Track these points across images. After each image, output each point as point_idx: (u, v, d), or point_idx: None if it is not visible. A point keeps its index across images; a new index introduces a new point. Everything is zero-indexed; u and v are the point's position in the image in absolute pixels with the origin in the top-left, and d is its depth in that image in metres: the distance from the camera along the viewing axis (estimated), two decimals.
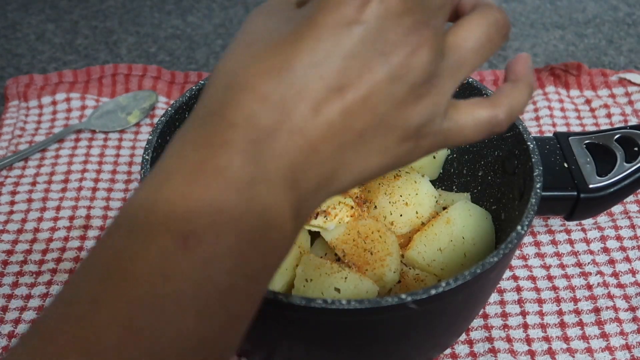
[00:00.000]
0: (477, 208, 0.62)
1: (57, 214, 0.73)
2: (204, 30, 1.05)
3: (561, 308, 0.63)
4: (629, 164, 0.60)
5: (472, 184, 0.67)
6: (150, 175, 0.32)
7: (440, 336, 0.56)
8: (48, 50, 1.01)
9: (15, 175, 0.78)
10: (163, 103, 0.88)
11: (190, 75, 0.92)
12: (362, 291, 0.54)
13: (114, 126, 0.84)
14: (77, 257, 0.69)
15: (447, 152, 0.69)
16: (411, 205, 0.62)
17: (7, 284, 0.66)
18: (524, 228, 0.50)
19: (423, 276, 0.59)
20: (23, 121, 0.85)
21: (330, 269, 0.55)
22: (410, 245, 0.60)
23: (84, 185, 0.76)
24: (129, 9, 1.10)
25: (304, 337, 0.51)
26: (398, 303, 0.44)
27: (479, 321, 0.63)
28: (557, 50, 1.01)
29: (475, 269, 0.46)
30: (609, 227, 0.70)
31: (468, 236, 0.60)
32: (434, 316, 0.50)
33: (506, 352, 0.60)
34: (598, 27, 1.05)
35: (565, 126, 0.83)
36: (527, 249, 0.69)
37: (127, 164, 0.80)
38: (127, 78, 0.90)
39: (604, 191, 0.59)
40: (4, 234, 0.71)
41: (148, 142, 0.56)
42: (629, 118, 0.84)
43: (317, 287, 0.54)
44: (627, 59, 0.98)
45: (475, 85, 0.64)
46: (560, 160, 0.61)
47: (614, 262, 0.67)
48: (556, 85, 0.89)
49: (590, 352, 0.60)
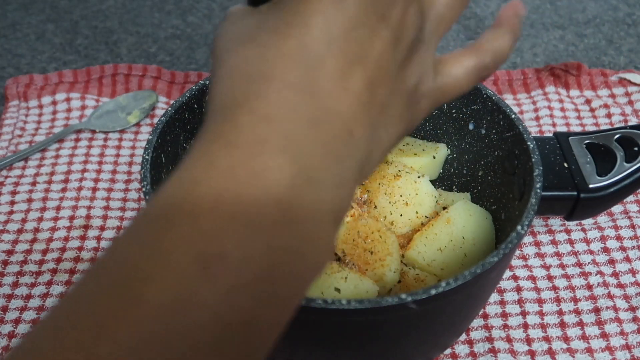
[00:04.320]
0: (477, 208, 0.62)
1: (57, 214, 0.73)
2: (204, 30, 1.05)
3: (561, 308, 0.63)
4: (629, 164, 0.60)
5: (472, 184, 0.67)
6: (175, 177, 0.28)
7: (440, 336, 0.56)
8: (48, 50, 1.01)
9: (15, 175, 0.78)
10: (163, 103, 0.88)
11: (190, 75, 0.92)
12: (362, 291, 0.54)
13: (114, 126, 0.84)
14: (77, 257, 0.69)
15: (447, 152, 0.69)
16: (411, 205, 0.62)
17: (7, 284, 0.66)
18: (524, 228, 0.50)
19: (423, 276, 0.59)
20: (23, 121, 0.85)
21: (330, 269, 0.55)
22: (410, 245, 0.60)
23: (84, 185, 0.76)
24: (129, 9, 1.10)
25: (304, 337, 0.51)
26: (398, 303, 0.44)
27: (479, 321, 0.63)
28: (557, 50, 1.01)
29: (476, 269, 0.46)
30: (609, 227, 0.70)
31: (468, 236, 0.60)
32: (434, 316, 0.50)
33: (506, 352, 0.60)
34: (598, 27, 1.05)
35: (565, 126, 0.83)
36: (527, 249, 0.69)
37: (127, 164, 0.80)
38: (127, 78, 0.90)
39: (604, 191, 0.59)
40: (4, 234, 0.71)
41: (148, 142, 0.56)
42: (629, 118, 0.84)
43: (317, 287, 0.54)
44: (627, 59, 0.98)
45: (475, 85, 0.63)
46: (560, 160, 0.61)
47: (614, 262, 0.67)
48: (556, 85, 0.89)
49: (590, 352, 0.60)
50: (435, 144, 0.69)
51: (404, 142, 0.69)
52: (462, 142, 0.68)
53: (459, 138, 0.68)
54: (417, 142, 0.70)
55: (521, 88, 0.89)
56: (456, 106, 0.66)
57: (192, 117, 0.63)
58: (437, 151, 0.68)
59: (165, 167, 0.59)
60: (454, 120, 0.67)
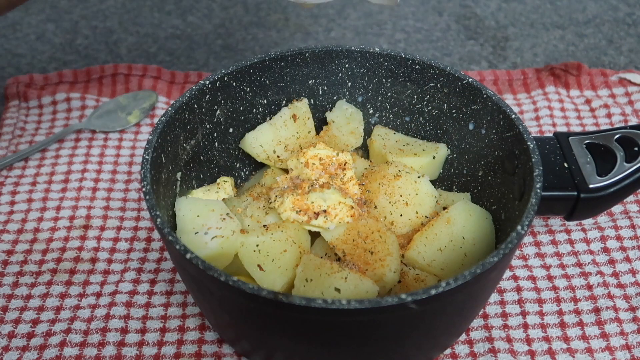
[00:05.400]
0: (477, 208, 0.62)
1: (57, 214, 0.73)
2: (204, 30, 1.05)
3: (561, 308, 0.63)
4: (629, 164, 0.60)
5: (472, 184, 0.67)
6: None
7: (440, 336, 0.56)
8: (48, 50, 1.01)
9: (15, 175, 0.78)
10: (163, 103, 0.88)
11: (190, 75, 0.92)
12: (362, 291, 0.54)
13: (114, 126, 0.84)
14: (77, 257, 0.69)
15: (447, 152, 0.69)
16: (411, 205, 0.62)
17: (7, 284, 0.66)
18: (524, 228, 0.50)
19: (423, 276, 0.59)
20: (23, 121, 0.85)
21: (330, 269, 0.55)
22: (410, 245, 0.60)
23: (84, 185, 0.76)
24: (129, 9, 1.10)
25: (304, 337, 0.51)
26: (398, 303, 0.44)
27: (479, 321, 0.63)
28: (557, 50, 1.01)
29: (476, 269, 0.46)
30: (609, 227, 0.70)
31: (468, 236, 0.60)
32: (434, 316, 0.50)
33: (506, 352, 0.60)
34: (598, 27, 1.05)
35: (565, 126, 0.83)
36: (527, 249, 0.69)
37: (127, 164, 0.80)
38: (127, 78, 0.91)
39: (604, 191, 0.59)
40: (4, 234, 0.71)
41: (148, 142, 0.56)
42: (629, 118, 0.84)
43: (317, 287, 0.54)
44: (627, 59, 0.98)
45: (475, 85, 0.64)
46: (560, 160, 0.61)
47: (614, 262, 0.67)
48: (556, 85, 0.89)
49: (590, 352, 0.60)
50: (435, 144, 0.69)
51: (404, 142, 0.69)
52: (462, 142, 0.68)
53: (459, 138, 0.68)
54: (417, 142, 0.70)
55: (521, 88, 0.89)
56: (456, 106, 0.66)
57: (192, 117, 0.63)
58: (437, 151, 0.68)
59: (165, 167, 0.59)
60: (454, 120, 0.67)
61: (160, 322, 0.63)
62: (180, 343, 0.61)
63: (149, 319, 0.63)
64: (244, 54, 1.01)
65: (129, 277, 0.67)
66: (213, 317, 0.58)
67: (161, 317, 0.63)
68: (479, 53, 1.00)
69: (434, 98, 0.68)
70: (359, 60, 0.69)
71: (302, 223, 0.59)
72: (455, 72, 0.65)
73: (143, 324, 0.63)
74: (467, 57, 1.00)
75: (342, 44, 0.69)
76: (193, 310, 0.64)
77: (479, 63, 0.98)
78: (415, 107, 0.70)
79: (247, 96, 0.68)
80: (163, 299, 0.65)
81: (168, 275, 0.67)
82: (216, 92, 0.65)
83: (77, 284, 0.66)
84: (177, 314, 0.64)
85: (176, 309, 0.64)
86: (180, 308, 0.64)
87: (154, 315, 0.64)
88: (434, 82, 0.67)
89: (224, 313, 0.54)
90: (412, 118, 0.71)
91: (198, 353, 0.60)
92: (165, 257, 0.69)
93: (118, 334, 0.62)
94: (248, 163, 0.72)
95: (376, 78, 0.70)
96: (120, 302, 0.64)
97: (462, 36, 1.04)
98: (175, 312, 0.64)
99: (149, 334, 0.62)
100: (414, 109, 0.70)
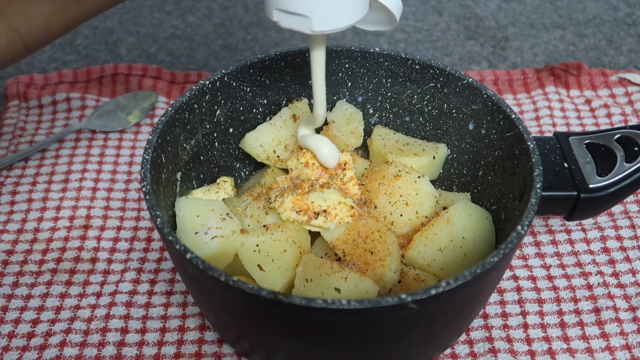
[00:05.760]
0: (477, 208, 0.62)
1: (57, 214, 0.73)
2: (204, 30, 1.05)
3: (561, 308, 0.63)
4: (629, 164, 0.60)
5: (472, 184, 0.67)
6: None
7: (440, 336, 0.56)
8: (48, 50, 1.01)
9: (15, 175, 0.78)
10: (163, 103, 0.88)
11: (190, 75, 0.92)
12: (362, 291, 0.54)
13: (114, 126, 0.84)
14: (77, 257, 0.69)
15: (447, 152, 0.69)
16: (411, 205, 0.62)
17: (7, 284, 0.66)
18: (524, 228, 0.50)
19: (423, 276, 0.59)
20: (23, 121, 0.85)
21: (330, 269, 0.55)
22: (410, 245, 0.60)
23: (84, 185, 0.76)
24: (129, 9, 1.10)
25: (304, 337, 0.51)
26: (398, 303, 0.44)
27: (479, 321, 0.63)
28: (557, 50, 1.01)
29: (476, 269, 0.46)
30: (609, 227, 0.70)
31: (468, 236, 0.60)
32: (434, 316, 0.50)
33: (506, 352, 0.60)
34: (598, 27, 1.05)
35: (565, 126, 0.83)
36: (527, 249, 0.69)
37: (127, 163, 0.80)
38: (127, 78, 0.91)
39: (604, 191, 0.59)
40: (4, 234, 0.71)
41: (148, 142, 0.56)
42: (629, 118, 0.84)
43: (317, 287, 0.54)
44: (627, 59, 0.98)
45: (475, 85, 0.64)
46: (560, 160, 0.61)
47: (614, 262, 0.67)
48: (556, 85, 0.89)
49: (591, 352, 0.60)
50: (435, 144, 0.69)
51: (404, 142, 0.69)
52: (462, 142, 0.68)
53: (459, 138, 0.68)
54: (417, 142, 0.70)
55: (521, 88, 0.89)
56: (456, 106, 0.66)
57: (192, 117, 0.63)
58: (437, 151, 0.68)
59: (165, 167, 0.59)
60: (454, 120, 0.67)
61: (160, 322, 0.63)
62: (181, 343, 0.61)
63: (149, 319, 0.63)
64: (244, 54, 1.01)
65: (129, 277, 0.67)
66: (213, 317, 0.58)
67: (161, 317, 0.63)
68: (479, 53, 1.00)
69: (434, 98, 0.68)
70: (359, 60, 0.69)
71: (302, 223, 0.59)
72: (455, 72, 0.65)
73: (143, 324, 0.63)
74: (467, 57, 1.00)
75: (342, 44, 0.69)
76: (193, 310, 0.64)
77: (479, 63, 0.98)
78: (415, 107, 0.70)
79: (247, 96, 0.68)
80: (163, 299, 0.65)
81: (168, 275, 0.67)
82: (216, 92, 0.65)
83: (77, 284, 0.66)
84: (177, 314, 0.64)
85: (176, 309, 0.64)
86: (180, 308, 0.64)
87: (154, 315, 0.64)
88: (434, 82, 0.67)
89: (224, 313, 0.54)
90: (412, 118, 0.71)
91: (198, 353, 0.60)
92: (165, 257, 0.69)
93: (118, 334, 0.62)
94: (248, 163, 0.72)
95: (376, 78, 0.70)
96: (120, 302, 0.64)
97: (462, 36, 1.04)
98: (175, 312, 0.64)
99: (149, 334, 0.62)
100: (414, 109, 0.70)
